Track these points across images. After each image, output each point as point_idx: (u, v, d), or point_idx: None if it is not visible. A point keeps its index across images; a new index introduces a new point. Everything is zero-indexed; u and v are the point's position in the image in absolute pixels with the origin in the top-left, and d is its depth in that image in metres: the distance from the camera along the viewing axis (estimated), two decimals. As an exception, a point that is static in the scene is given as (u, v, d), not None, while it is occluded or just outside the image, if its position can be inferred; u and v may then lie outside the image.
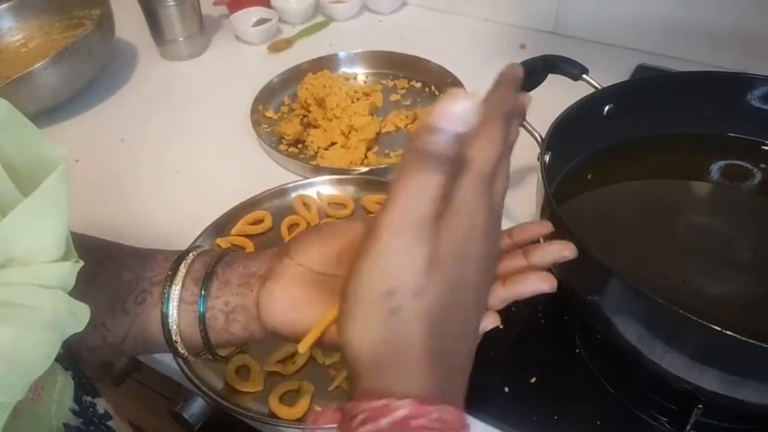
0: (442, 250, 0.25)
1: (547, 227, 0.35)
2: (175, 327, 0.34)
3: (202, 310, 0.34)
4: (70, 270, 0.26)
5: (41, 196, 0.24)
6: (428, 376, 0.24)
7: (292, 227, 0.60)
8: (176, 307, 0.34)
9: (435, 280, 0.25)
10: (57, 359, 0.33)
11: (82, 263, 0.27)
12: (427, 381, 0.24)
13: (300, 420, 0.45)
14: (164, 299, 0.34)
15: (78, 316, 0.26)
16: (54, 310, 0.25)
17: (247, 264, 0.35)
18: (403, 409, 0.23)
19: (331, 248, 0.33)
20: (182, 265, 0.35)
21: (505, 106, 0.28)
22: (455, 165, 0.25)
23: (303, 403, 0.46)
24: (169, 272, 0.34)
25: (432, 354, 0.24)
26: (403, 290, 0.24)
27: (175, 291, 0.34)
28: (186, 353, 0.35)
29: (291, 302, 0.32)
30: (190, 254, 0.36)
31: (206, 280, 0.34)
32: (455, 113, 0.24)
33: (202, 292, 0.34)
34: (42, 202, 0.25)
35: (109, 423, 0.37)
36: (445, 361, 0.25)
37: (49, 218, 0.25)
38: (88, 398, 0.36)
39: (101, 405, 0.37)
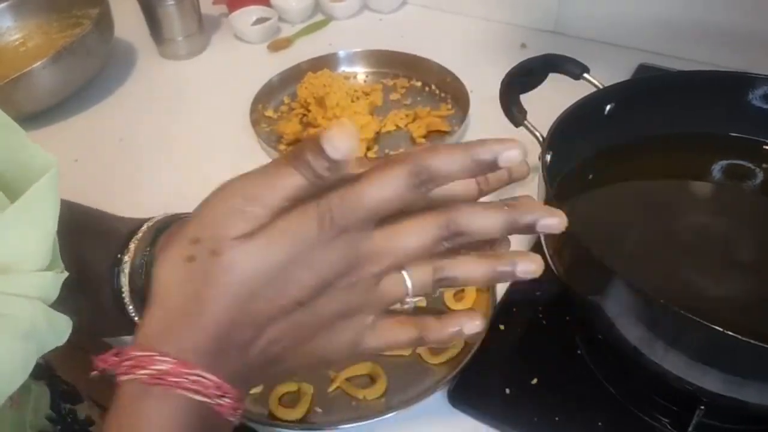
0: (267, 240, 0.24)
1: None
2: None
3: None
4: (52, 280, 0.25)
5: (25, 204, 0.24)
6: (203, 344, 0.24)
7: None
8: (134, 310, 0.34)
9: (241, 253, 0.24)
10: None
11: (66, 274, 0.26)
12: (201, 347, 0.24)
13: (300, 421, 0.45)
14: (124, 302, 0.33)
15: (57, 329, 0.26)
16: (31, 321, 0.24)
17: None
18: (163, 364, 0.23)
19: None
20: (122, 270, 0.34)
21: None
22: (320, 182, 0.24)
23: (302, 405, 0.46)
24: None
25: (215, 325, 0.24)
26: (205, 242, 0.24)
27: (125, 286, 0.33)
28: None
29: None
30: (125, 257, 0.34)
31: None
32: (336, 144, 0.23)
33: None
34: (26, 210, 0.24)
35: (91, 429, 0.36)
36: (229, 342, 0.24)
37: (33, 227, 0.24)
38: (68, 405, 0.36)
39: (82, 411, 0.37)
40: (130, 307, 0.34)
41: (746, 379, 0.34)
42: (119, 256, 0.34)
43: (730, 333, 0.31)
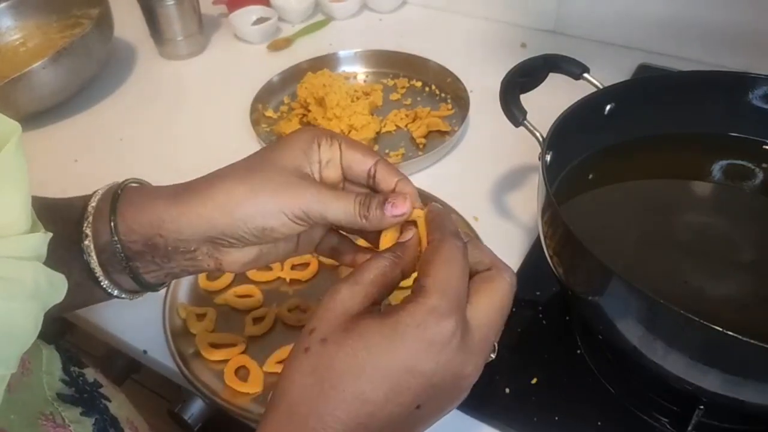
0: (364, 324, 0.27)
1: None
2: (117, 292, 0.35)
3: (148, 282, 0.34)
4: (41, 241, 0.26)
5: (1, 169, 0.25)
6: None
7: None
8: (114, 286, 0.34)
9: (345, 336, 0.27)
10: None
11: (50, 234, 0.27)
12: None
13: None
14: (99, 282, 0.33)
15: (56, 286, 0.27)
16: (35, 281, 0.25)
17: (176, 243, 0.33)
18: None
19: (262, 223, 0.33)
20: (87, 241, 0.33)
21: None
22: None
23: (303, 404, 0.46)
24: (84, 245, 0.33)
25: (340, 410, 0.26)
26: (317, 331, 0.27)
27: (98, 270, 0.33)
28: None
29: (248, 262, 0.35)
30: (86, 229, 0.33)
31: (133, 258, 0.33)
32: None
33: (128, 267, 0.33)
34: (2, 175, 0.25)
35: (101, 390, 0.37)
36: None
37: (10, 192, 0.25)
38: (76, 369, 0.37)
39: (90, 374, 0.38)
40: (104, 281, 0.34)
41: (746, 379, 0.34)
42: (80, 229, 0.33)
43: (730, 333, 0.31)
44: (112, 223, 0.33)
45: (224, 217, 0.32)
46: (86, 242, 0.33)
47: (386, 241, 0.33)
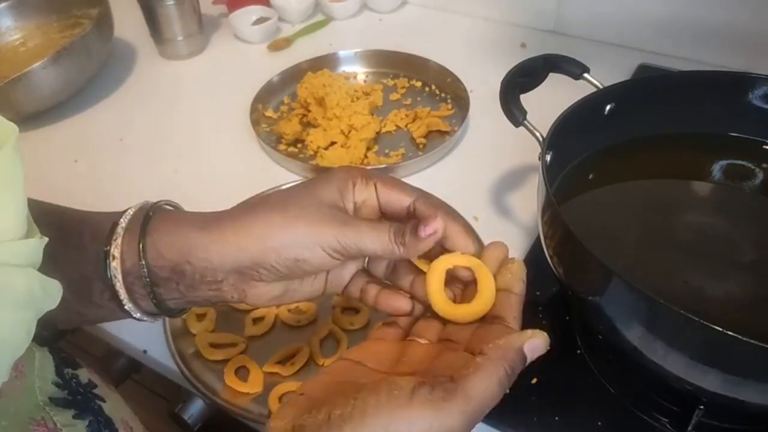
0: None
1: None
2: (145, 317, 0.35)
3: (170, 307, 0.35)
4: (36, 247, 0.26)
5: None
6: None
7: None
8: (137, 309, 0.34)
9: None
10: None
11: (46, 240, 0.26)
12: None
13: (300, 421, 0.45)
14: (122, 304, 0.33)
15: (50, 293, 0.26)
16: (28, 289, 0.24)
17: (204, 272, 0.33)
18: None
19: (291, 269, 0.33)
20: (112, 273, 0.33)
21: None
22: None
23: (303, 404, 0.46)
24: (112, 277, 0.33)
25: None
26: None
27: (123, 293, 0.33)
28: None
29: (273, 298, 0.35)
30: (113, 250, 0.33)
31: (158, 284, 0.33)
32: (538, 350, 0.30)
33: (152, 293, 0.33)
34: None
35: (95, 391, 0.37)
36: None
37: (7, 195, 0.25)
38: (69, 370, 0.36)
39: (84, 375, 0.37)
40: (128, 304, 0.34)
41: (746, 379, 0.34)
42: (106, 248, 0.33)
43: (731, 333, 0.31)
44: (141, 246, 0.33)
45: (257, 244, 0.32)
46: (113, 264, 0.33)
47: (433, 285, 0.34)
